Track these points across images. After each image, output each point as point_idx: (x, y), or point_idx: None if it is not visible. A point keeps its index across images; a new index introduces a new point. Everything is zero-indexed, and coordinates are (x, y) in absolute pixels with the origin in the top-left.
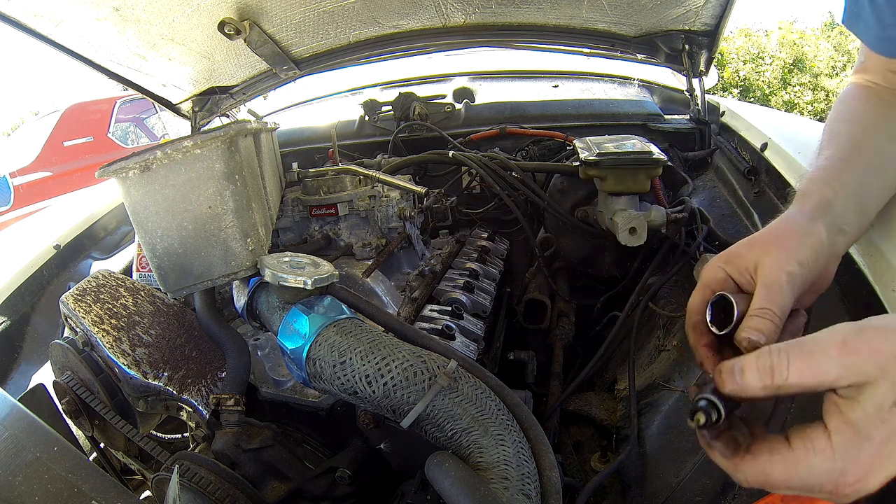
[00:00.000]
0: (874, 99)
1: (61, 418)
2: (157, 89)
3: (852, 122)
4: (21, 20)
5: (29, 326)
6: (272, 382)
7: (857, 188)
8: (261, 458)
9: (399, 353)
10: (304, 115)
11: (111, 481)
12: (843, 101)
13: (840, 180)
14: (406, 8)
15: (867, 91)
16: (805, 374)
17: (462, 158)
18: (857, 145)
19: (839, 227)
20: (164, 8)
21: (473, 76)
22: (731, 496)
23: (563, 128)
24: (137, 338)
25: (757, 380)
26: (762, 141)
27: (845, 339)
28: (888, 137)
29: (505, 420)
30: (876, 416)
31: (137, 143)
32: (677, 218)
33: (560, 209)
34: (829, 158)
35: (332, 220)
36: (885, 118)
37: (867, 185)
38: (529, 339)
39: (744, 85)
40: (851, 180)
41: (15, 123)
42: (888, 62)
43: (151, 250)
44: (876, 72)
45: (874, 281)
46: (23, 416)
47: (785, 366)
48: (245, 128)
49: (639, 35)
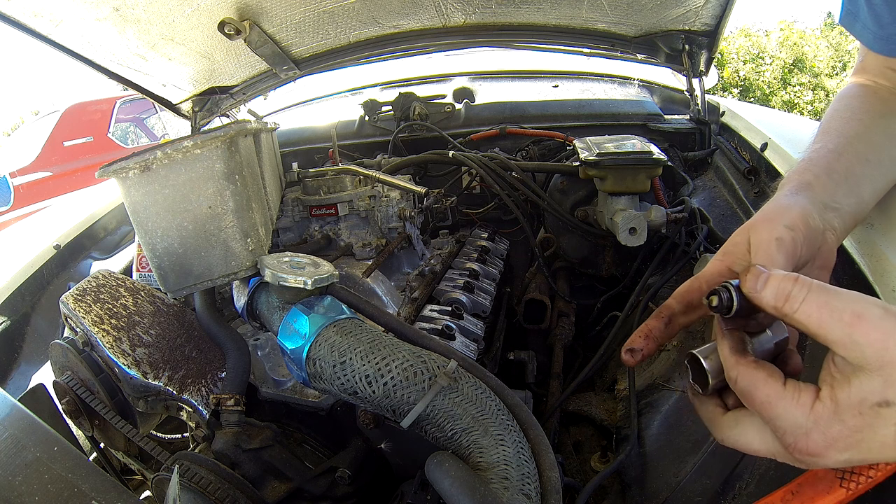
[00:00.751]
0: (872, 97)
1: (61, 418)
2: (157, 89)
3: (847, 119)
4: (21, 20)
5: (29, 326)
6: (272, 382)
7: (846, 173)
8: (261, 458)
9: (399, 353)
10: (304, 115)
11: (111, 481)
12: (840, 98)
13: (824, 167)
14: (406, 8)
15: (865, 89)
16: (811, 320)
17: (462, 158)
18: (849, 138)
19: (824, 203)
20: (164, 8)
21: (473, 76)
22: (731, 496)
23: (563, 128)
24: (137, 338)
25: (771, 297)
26: (762, 141)
27: (863, 315)
28: (885, 133)
29: (505, 420)
30: (857, 406)
31: (137, 143)
32: (677, 218)
33: (560, 209)
34: (816, 151)
35: (332, 220)
36: (881, 115)
37: (859, 173)
38: (529, 339)
39: (744, 85)
40: (838, 167)
41: (15, 123)
42: (887, 60)
43: (151, 250)
44: (875, 71)
45: (874, 281)
46: (23, 416)
47: (799, 301)
48: (245, 128)
49: (639, 35)
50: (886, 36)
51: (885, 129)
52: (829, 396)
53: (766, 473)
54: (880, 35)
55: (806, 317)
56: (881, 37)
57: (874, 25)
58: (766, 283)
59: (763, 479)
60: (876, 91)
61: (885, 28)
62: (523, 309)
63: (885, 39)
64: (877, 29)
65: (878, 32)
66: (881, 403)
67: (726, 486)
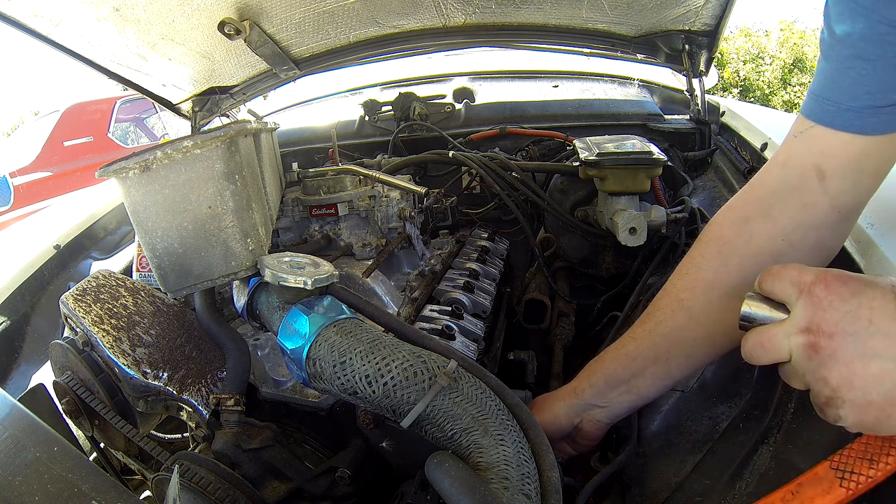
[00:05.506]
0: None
1: (61, 418)
2: (157, 89)
3: (674, 309)
4: (21, 20)
5: (29, 326)
6: (272, 382)
7: (630, 377)
8: (261, 458)
9: (399, 353)
10: (304, 115)
11: (111, 481)
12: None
13: (608, 374)
14: (406, 8)
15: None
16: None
17: (462, 158)
18: (657, 338)
19: (591, 404)
20: (164, 8)
21: (473, 76)
22: (731, 496)
23: (563, 128)
24: (137, 338)
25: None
26: (762, 141)
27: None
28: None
29: (505, 420)
30: (786, 332)
31: (137, 143)
32: (677, 218)
33: (560, 209)
34: (616, 350)
35: (332, 220)
36: (728, 293)
37: (649, 373)
38: (529, 339)
39: (744, 85)
40: (624, 374)
41: (15, 123)
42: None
43: (151, 250)
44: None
45: None
46: (23, 416)
47: (776, 272)
48: (245, 128)
49: (639, 35)
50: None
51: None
52: (791, 322)
53: (766, 473)
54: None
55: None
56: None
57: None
58: (768, 279)
59: (763, 479)
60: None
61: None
62: (523, 309)
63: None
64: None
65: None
66: None
67: (726, 486)
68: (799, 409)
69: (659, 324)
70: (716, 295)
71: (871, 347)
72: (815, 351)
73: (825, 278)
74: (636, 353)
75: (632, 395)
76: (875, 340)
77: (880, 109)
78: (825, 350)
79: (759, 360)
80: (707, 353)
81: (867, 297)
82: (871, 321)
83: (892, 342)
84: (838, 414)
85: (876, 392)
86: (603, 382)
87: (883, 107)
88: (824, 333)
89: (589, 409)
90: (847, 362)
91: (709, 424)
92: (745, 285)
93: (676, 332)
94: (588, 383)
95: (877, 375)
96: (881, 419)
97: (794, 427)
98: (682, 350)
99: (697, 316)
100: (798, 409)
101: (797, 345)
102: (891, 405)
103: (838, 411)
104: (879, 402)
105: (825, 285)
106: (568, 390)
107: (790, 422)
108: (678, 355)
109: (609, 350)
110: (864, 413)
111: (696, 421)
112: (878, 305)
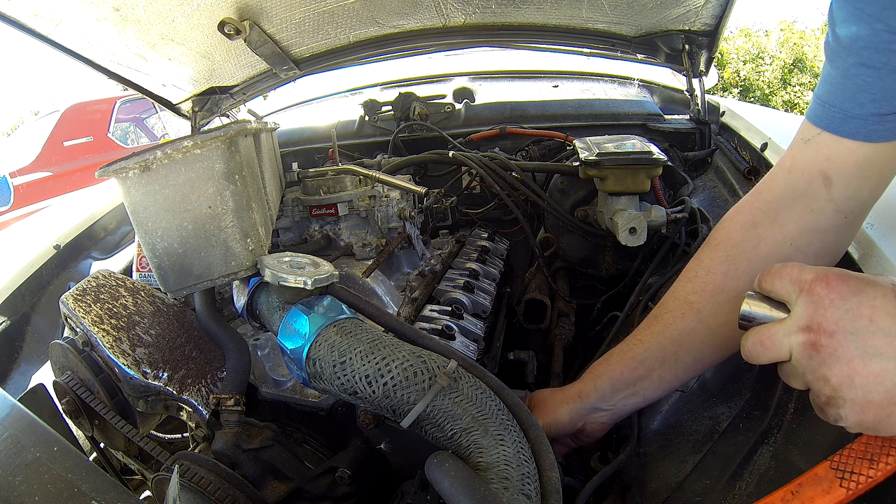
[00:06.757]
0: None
1: (61, 418)
2: (157, 89)
3: (680, 314)
4: (21, 20)
5: (29, 326)
6: (272, 382)
7: (633, 381)
8: (261, 458)
9: (399, 353)
10: (304, 115)
11: (111, 481)
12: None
13: (614, 378)
14: (406, 8)
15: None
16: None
17: (462, 158)
18: (665, 341)
19: (594, 408)
20: (164, 8)
21: (473, 76)
22: (731, 496)
23: (563, 128)
24: (137, 338)
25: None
26: (762, 141)
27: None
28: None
29: (505, 420)
30: (786, 331)
31: (137, 143)
32: (677, 218)
33: (560, 209)
34: (622, 353)
35: (332, 220)
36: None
37: (656, 377)
38: (529, 339)
39: (744, 85)
40: (629, 377)
41: (15, 123)
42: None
43: (151, 250)
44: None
45: None
46: (23, 416)
47: (776, 271)
48: (245, 128)
49: (639, 35)
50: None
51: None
52: (792, 320)
53: (766, 473)
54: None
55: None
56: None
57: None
58: (767, 278)
59: (763, 479)
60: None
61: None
62: (523, 309)
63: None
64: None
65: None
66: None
67: (726, 486)
68: (799, 409)
69: (667, 326)
70: (724, 298)
71: (872, 346)
72: (815, 349)
73: (826, 277)
74: (644, 355)
75: (637, 397)
76: (876, 339)
77: (885, 117)
78: (826, 348)
79: (758, 359)
80: (714, 356)
81: (868, 295)
82: (872, 319)
83: (893, 341)
84: (839, 413)
85: (876, 391)
86: (609, 386)
87: (887, 114)
88: (825, 332)
89: (593, 413)
90: (848, 361)
91: (709, 424)
92: None
93: (685, 335)
94: (593, 386)
95: (878, 374)
96: (881, 418)
97: (794, 427)
98: (690, 352)
99: (706, 319)
100: (798, 409)
101: (797, 343)
102: (891, 404)
103: (839, 411)
104: (880, 402)
105: (826, 283)
106: (572, 394)
107: (790, 422)
108: (686, 358)
109: (614, 353)
110: (865, 412)
111: (696, 421)
112: (879, 304)
